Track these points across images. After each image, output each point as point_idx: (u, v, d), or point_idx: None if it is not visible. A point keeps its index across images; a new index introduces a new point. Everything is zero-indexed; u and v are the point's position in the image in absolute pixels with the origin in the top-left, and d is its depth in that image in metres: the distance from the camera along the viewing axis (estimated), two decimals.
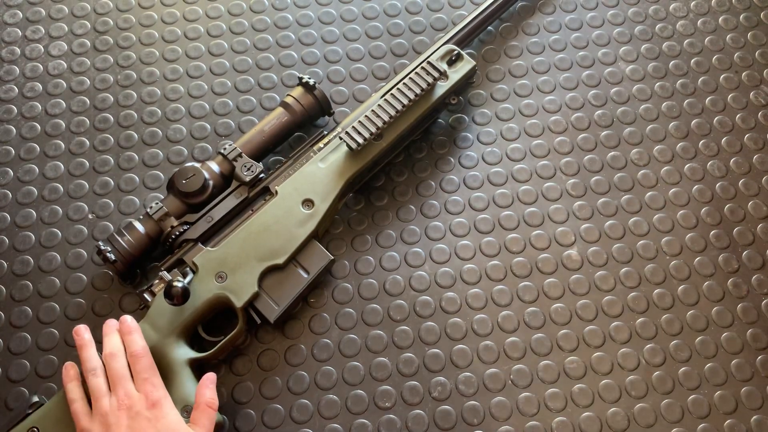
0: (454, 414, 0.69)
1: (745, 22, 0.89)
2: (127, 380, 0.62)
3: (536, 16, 0.89)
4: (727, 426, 0.69)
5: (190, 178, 0.71)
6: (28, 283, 0.74)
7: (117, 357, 0.63)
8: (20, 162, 0.80)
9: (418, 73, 0.75)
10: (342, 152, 0.74)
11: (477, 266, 0.75)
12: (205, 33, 0.87)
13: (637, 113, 0.83)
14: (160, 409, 0.61)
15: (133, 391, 0.62)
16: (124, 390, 0.61)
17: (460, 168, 0.80)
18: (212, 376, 0.65)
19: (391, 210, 0.78)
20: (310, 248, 0.72)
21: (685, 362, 0.71)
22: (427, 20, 0.88)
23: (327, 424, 0.69)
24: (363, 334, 0.72)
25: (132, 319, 0.66)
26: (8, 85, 0.84)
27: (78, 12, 0.89)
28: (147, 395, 0.61)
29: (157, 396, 0.62)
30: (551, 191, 0.79)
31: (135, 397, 0.61)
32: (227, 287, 0.69)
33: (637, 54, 0.87)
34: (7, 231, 0.77)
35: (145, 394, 0.62)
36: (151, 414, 0.60)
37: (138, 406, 0.61)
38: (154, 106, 0.83)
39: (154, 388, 0.62)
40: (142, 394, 0.62)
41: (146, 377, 0.62)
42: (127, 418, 0.60)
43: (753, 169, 0.81)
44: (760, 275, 0.75)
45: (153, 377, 0.63)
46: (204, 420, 0.62)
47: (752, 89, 0.85)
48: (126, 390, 0.62)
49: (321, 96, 0.76)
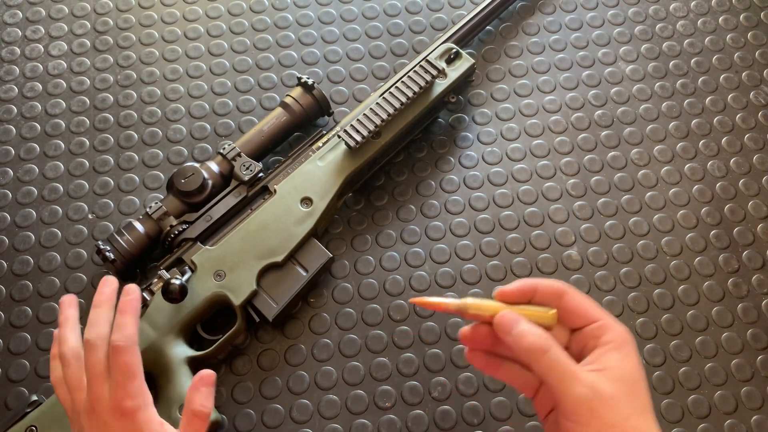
0: (455, 414, 0.69)
1: (745, 22, 0.89)
2: (103, 380, 0.52)
3: (536, 16, 0.89)
4: (727, 426, 0.68)
5: (189, 177, 0.71)
6: (28, 283, 0.74)
7: (95, 348, 0.52)
8: (20, 162, 0.80)
9: (416, 71, 0.75)
10: (340, 150, 0.74)
11: (477, 266, 0.75)
12: (205, 33, 0.88)
13: (637, 113, 0.83)
14: (131, 421, 0.50)
15: (102, 394, 0.51)
16: (93, 391, 0.51)
17: (460, 168, 0.80)
18: (207, 376, 0.53)
19: (391, 210, 0.78)
20: (309, 246, 0.72)
21: (685, 362, 0.71)
22: (427, 20, 0.88)
23: (327, 424, 0.69)
24: (363, 334, 0.72)
25: (137, 291, 0.55)
26: (8, 85, 0.85)
27: (78, 12, 0.89)
28: (118, 402, 0.50)
29: (130, 405, 0.50)
30: (551, 191, 0.79)
31: (104, 403, 0.51)
32: (226, 285, 0.69)
33: (637, 54, 0.87)
34: (7, 231, 0.77)
35: (114, 402, 0.50)
36: (121, 426, 0.50)
37: (105, 414, 0.51)
38: (154, 106, 0.83)
39: (126, 395, 0.50)
40: (112, 400, 0.51)
41: (119, 380, 0.51)
42: (96, 427, 0.51)
43: (753, 169, 0.80)
44: (761, 275, 0.75)
45: (128, 381, 0.51)
46: None
47: (752, 89, 0.85)
48: (95, 392, 0.51)
49: (320, 96, 0.76)
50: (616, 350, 0.48)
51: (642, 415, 0.46)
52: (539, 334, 0.47)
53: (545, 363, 0.46)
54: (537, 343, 0.46)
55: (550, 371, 0.46)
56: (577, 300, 0.50)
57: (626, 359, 0.48)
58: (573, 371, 0.46)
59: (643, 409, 0.47)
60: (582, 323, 0.50)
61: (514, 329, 0.47)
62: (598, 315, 0.49)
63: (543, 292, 0.50)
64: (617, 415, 0.45)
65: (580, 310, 0.50)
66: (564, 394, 0.46)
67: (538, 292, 0.50)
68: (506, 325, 0.48)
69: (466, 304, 0.50)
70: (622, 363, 0.47)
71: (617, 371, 0.47)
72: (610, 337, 0.48)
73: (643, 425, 0.46)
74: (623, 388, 0.46)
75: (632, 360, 0.48)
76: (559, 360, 0.46)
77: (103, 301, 0.56)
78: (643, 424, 0.46)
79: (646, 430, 0.46)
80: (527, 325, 0.48)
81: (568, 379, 0.46)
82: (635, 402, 0.46)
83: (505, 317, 0.48)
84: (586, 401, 0.45)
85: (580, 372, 0.46)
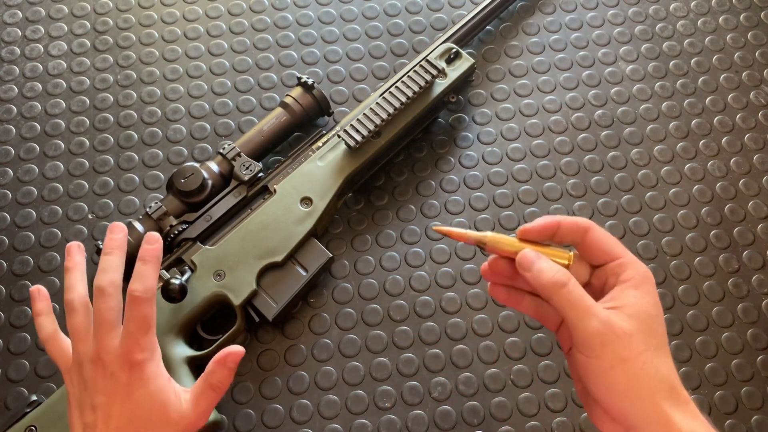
0: (454, 414, 0.69)
1: (746, 22, 0.89)
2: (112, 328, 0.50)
3: (536, 16, 0.89)
4: (727, 426, 0.68)
5: (189, 177, 0.71)
6: (28, 283, 0.74)
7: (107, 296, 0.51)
8: (20, 162, 0.80)
9: (416, 71, 0.75)
10: (340, 150, 0.74)
11: (477, 266, 0.75)
12: (205, 33, 0.88)
13: (637, 113, 0.83)
14: (140, 373, 0.50)
15: (112, 344, 0.50)
16: (102, 340, 0.50)
17: (460, 168, 0.80)
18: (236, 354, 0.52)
19: (391, 210, 0.78)
20: (309, 246, 0.72)
21: (685, 362, 0.71)
22: (427, 20, 0.88)
23: (327, 424, 0.69)
24: (363, 334, 0.72)
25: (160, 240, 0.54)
26: (8, 85, 0.85)
27: (78, 12, 0.89)
28: (127, 353, 0.50)
29: (139, 357, 0.50)
30: (551, 191, 0.79)
31: (113, 353, 0.50)
32: (225, 285, 0.69)
33: (638, 54, 0.87)
34: (7, 231, 0.77)
35: (125, 352, 0.50)
36: (128, 378, 0.50)
37: (113, 365, 0.50)
38: (154, 106, 0.83)
39: (138, 347, 0.50)
40: (122, 351, 0.50)
41: (132, 331, 0.50)
42: (102, 377, 0.50)
43: (753, 169, 0.80)
44: (761, 275, 0.75)
45: (142, 334, 0.50)
46: (202, 404, 0.52)
47: (752, 89, 0.85)
48: (104, 342, 0.50)
49: (320, 96, 0.76)
50: (634, 288, 0.48)
51: (656, 351, 0.47)
52: (557, 271, 0.48)
53: (562, 298, 0.48)
54: (554, 279, 0.48)
55: (566, 306, 0.48)
56: (600, 236, 0.51)
57: (644, 297, 0.48)
58: (588, 306, 0.47)
59: (657, 345, 0.48)
60: (604, 260, 0.51)
61: (534, 266, 0.49)
62: (620, 252, 0.50)
63: (566, 228, 0.51)
64: (629, 349, 0.46)
65: (603, 247, 0.50)
66: (577, 328, 0.47)
67: (561, 228, 0.51)
68: (526, 262, 0.49)
69: (486, 237, 0.51)
70: (639, 300, 0.48)
71: (633, 308, 0.48)
72: (629, 274, 0.49)
73: (657, 360, 0.47)
74: (638, 324, 0.47)
75: (650, 298, 0.49)
76: (575, 295, 0.48)
77: (115, 248, 0.54)
78: (656, 360, 0.47)
79: (659, 365, 0.47)
80: (546, 262, 0.49)
81: (582, 313, 0.47)
82: (650, 338, 0.47)
83: (525, 255, 0.50)
84: (599, 335, 0.46)
85: (595, 308, 0.47)
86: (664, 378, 0.47)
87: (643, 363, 0.46)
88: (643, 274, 0.49)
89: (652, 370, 0.47)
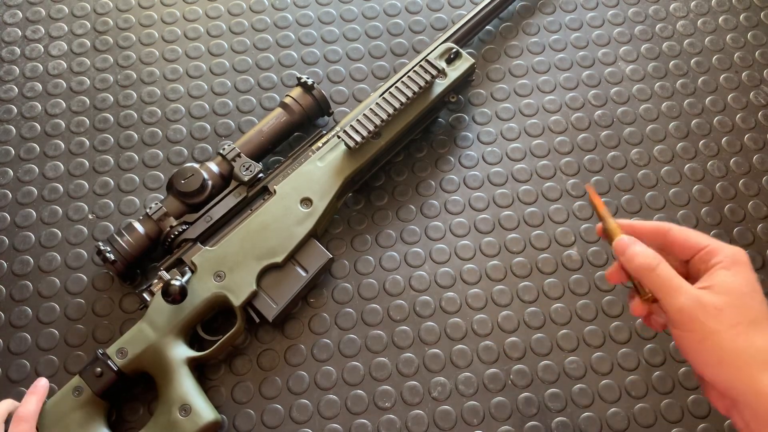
0: (454, 414, 0.69)
1: (745, 22, 0.89)
2: None
3: (536, 16, 0.89)
4: (727, 426, 0.68)
5: (189, 178, 0.71)
6: (28, 283, 0.74)
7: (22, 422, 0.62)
8: (20, 162, 0.80)
9: (416, 71, 0.75)
10: (340, 151, 0.74)
11: (477, 266, 0.75)
12: (205, 33, 0.88)
13: (637, 113, 0.83)
14: None
15: None
16: None
17: (460, 168, 0.80)
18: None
19: (391, 210, 0.78)
20: (309, 247, 0.72)
21: (684, 362, 0.71)
22: (426, 20, 0.88)
23: (327, 424, 0.69)
24: (363, 334, 0.72)
25: (44, 382, 0.66)
26: (8, 85, 0.85)
27: (78, 12, 0.89)
28: None
29: None
30: (551, 191, 0.79)
31: None
32: (226, 286, 0.69)
33: (637, 54, 0.87)
34: (7, 231, 0.77)
35: None
36: None
37: None
38: (154, 106, 0.83)
39: None
40: None
41: None
42: None
43: (753, 169, 0.80)
44: (761, 275, 0.75)
45: None
46: None
47: (752, 89, 0.85)
48: None
49: (319, 96, 0.76)
50: (725, 269, 0.50)
51: (750, 324, 0.48)
52: (647, 254, 0.51)
53: (654, 279, 0.50)
54: (645, 262, 0.50)
55: (657, 286, 0.50)
56: (681, 233, 0.53)
57: (735, 276, 0.49)
58: (678, 284, 0.49)
59: (753, 319, 0.48)
60: (692, 253, 0.52)
61: (628, 250, 0.51)
62: (705, 241, 0.52)
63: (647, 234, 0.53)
64: (720, 322, 0.47)
65: (687, 242, 0.52)
66: (668, 305, 0.49)
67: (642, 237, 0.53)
68: (621, 246, 0.52)
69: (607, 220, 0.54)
70: (730, 278, 0.49)
71: (723, 286, 0.49)
72: (718, 258, 0.50)
73: (752, 333, 0.47)
74: (729, 299, 0.48)
75: (741, 277, 0.49)
76: (665, 275, 0.50)
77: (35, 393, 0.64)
78: (751, 332, 0.47)
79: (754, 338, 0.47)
80: (639, 246, 0.51)
81: (673, 291, 0.49)
82: (743, 313, 0.48)
83: (621, 240, 0.52)
84: (688, 310, 0.48)
85: (685, 286, 0.49)
86: (759, 350, 0.47)
87: (736, 335, 0.47)
88: (732, 256, 0.50)
89: (746, 342, 0.47)
